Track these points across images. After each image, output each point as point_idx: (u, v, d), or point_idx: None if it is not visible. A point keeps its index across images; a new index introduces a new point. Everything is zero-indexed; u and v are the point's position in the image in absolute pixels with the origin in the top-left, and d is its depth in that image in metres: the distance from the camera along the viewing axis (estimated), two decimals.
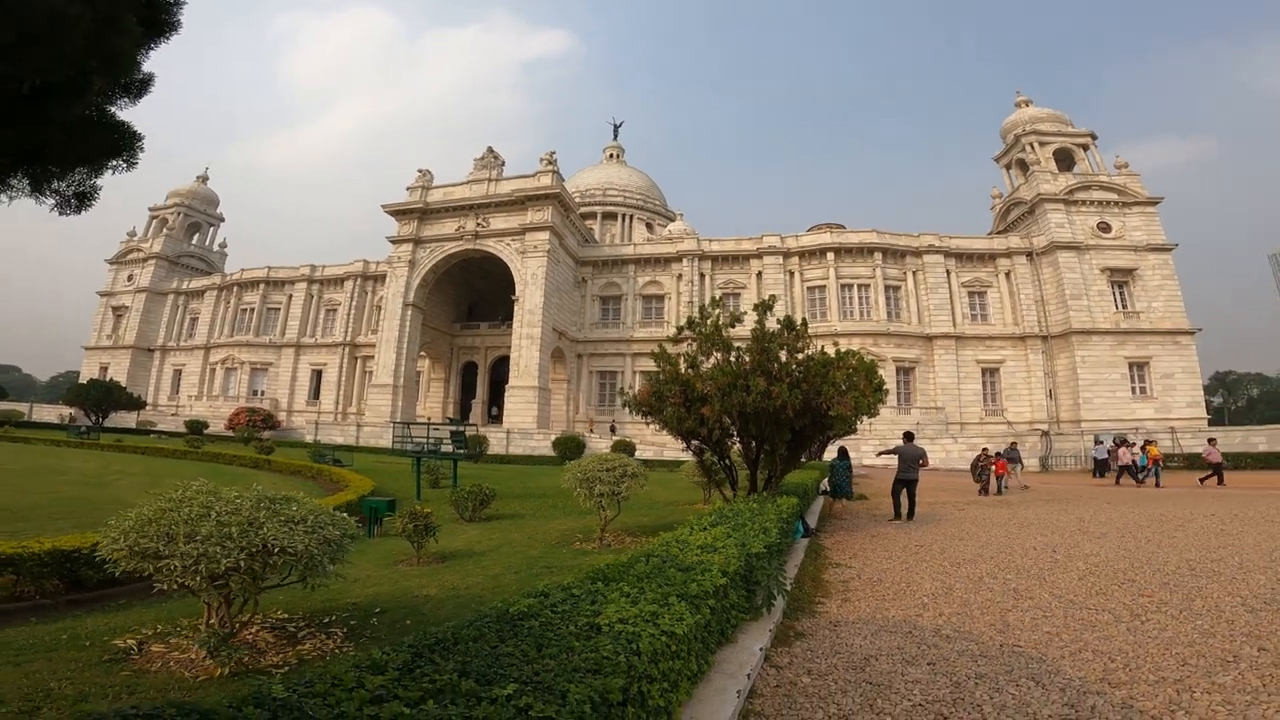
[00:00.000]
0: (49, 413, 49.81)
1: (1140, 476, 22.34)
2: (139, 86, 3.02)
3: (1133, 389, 39.47)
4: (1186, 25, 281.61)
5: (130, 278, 62.35)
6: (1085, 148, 46.67)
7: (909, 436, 14.19)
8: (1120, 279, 41.49)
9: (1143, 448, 23.43)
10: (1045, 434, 34.28)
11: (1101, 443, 27.29)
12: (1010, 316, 43.55)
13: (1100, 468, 26.01)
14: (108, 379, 49.51)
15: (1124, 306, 41.06)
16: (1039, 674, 4.29)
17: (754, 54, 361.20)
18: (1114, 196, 43.28)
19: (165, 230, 63.33)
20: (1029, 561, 8.37)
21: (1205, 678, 4.16)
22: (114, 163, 3.36)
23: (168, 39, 3.08)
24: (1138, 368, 39.79)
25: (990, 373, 42.79)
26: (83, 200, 3.42)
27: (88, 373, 58.40)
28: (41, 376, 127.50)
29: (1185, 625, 5.35)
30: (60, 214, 3.51)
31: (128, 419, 45.19)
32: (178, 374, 58.69)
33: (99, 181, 3.49)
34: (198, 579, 4.06)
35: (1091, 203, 43.18)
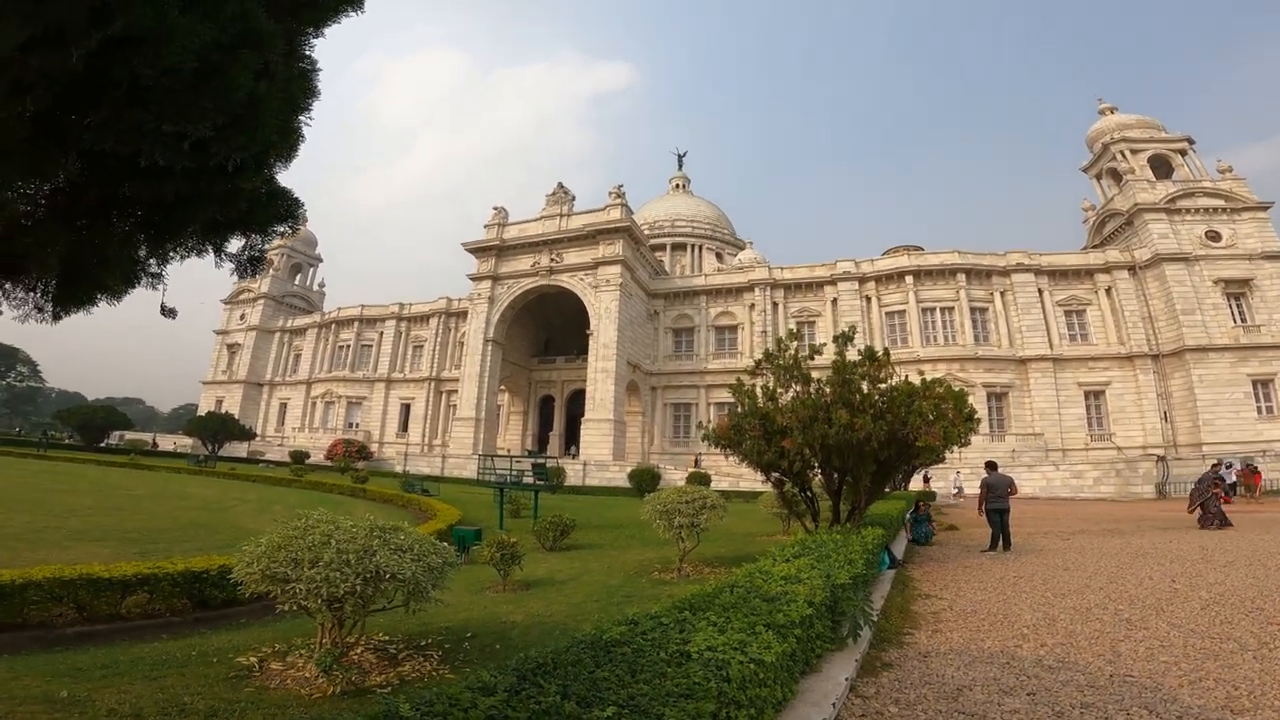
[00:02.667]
0: (170, 442, 54.64)
1: None
2: (291, 151, 3.43)
3: (1258, 408, 35.76)
4: (1260, 25, 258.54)
5: (242, 317, 67.92)
6: (1183, 153, 43.45)
7: (991, 466, 13.59)
8: (1236, 290, 38.01)
9: None
10: (1161, 459, 31.49)
11: (1230, 467, 24.88)
12: (1114, 335, 40.54)
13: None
14: (223, 411, 53.93)
15: (1242, 320, 37.49)
16: (1153, 703, 4.04)
17: (817, 78, 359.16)
18: (1220, 203, 39.91)
19: (272, 271, 68.32)
20: (1144, 592, 7.82)
21: None
22: (282, 228, 3.79)
23: (311, 106, 3.49)
24: (1262, 385, 36.09)
25: (1094, 395, 39.83)
26: (255, 264, 3.85)
27: (205, 405, 63.83)
28: (163, 409, 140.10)
29: None
30: (240, 278, 3.97)
31: (239, 449, 48.91)
32: (283, 407, 63.17)
33: (268, 246, 3.94)
34: (318, 601, 4.42)
35: (1196, 210, 39.98)
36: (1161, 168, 43.49)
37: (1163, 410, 38.21)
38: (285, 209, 3.67)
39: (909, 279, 42.78)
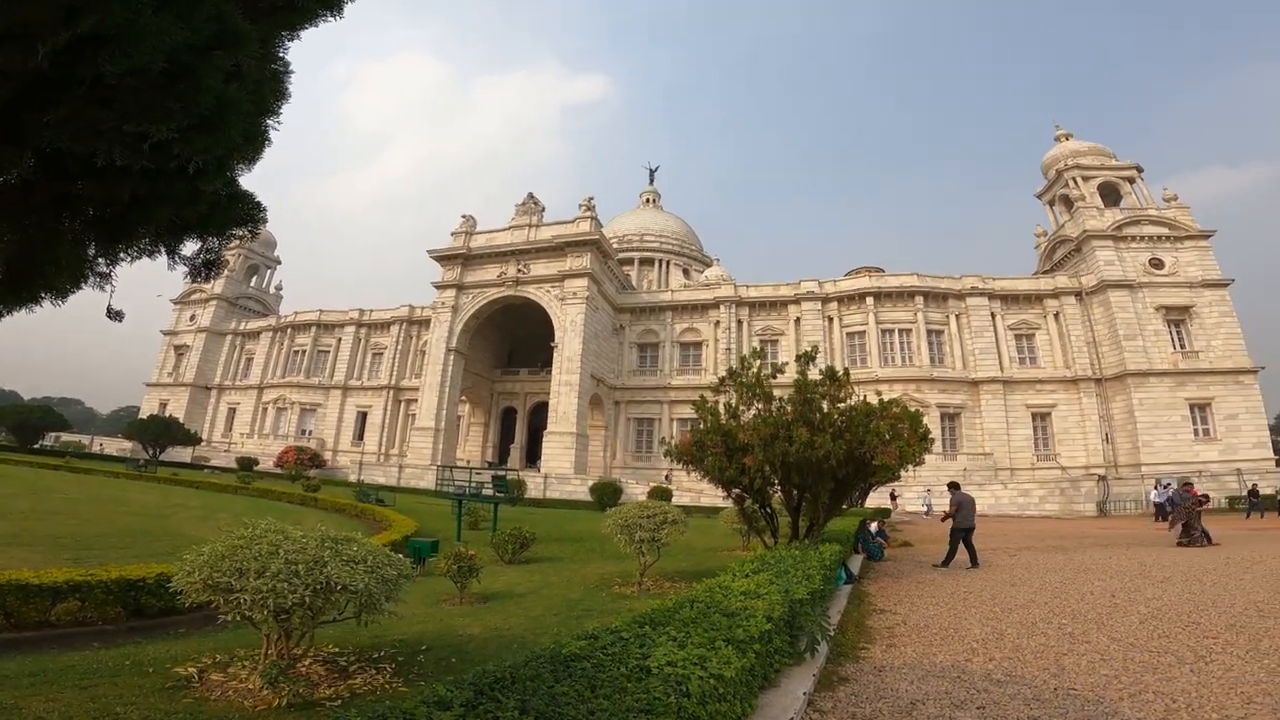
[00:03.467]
0: (110, 445, 52.16)
1: None
2: (256, 153, 3.36)
3: (1195, 431, 37.63)
4: (1227, 51, 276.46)
5: (192, 317, 65.55)
6: (1131, 181, 45.48)
7: (955, 486, 13.92)
8: (1176, 317, 40.02)
9: None
10: (1102, 479, 32.84)
11: (1166, 486, 26.10)
12: (1061, 359, 42.24)
13: (1162, 511, 24.83)
14: (167, 414, 51.77)
15: (1182, 346, 39.47)
16: (1095, 715, 4.19)
17: (793, 100, 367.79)
18: (1165, 231, 41.98)
19: (227, 272, 66.16)
20: (1086, 606, 8.12)
21: (1271, 714, 4.08)
22: (241, 232, 3.69)
23: (281, 109, 3.42)
24: (1199, 409, 38.00)
25: (1041, 417, 41.36)
26: (210, 268, 3.74)
27: (148, 408, 61.09)
28: (103, 410, 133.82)
29: (1252, 665, 5.20)
30: (193, 280, 3.85)
31: (183, 454, 47.01)
32: (232, 412, 61.00)
33: (226, 250, 3.83)
34: (264, 612, 4.29)
35: (1142, 238, 41.95)
36: (1110, 195, 45.50)
37: (1104, 432, 39.86)
38: (246, 212, 3.59)
39: (869, 300, 43.87)
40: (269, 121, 3.30)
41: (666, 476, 38.19)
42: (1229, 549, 14.35)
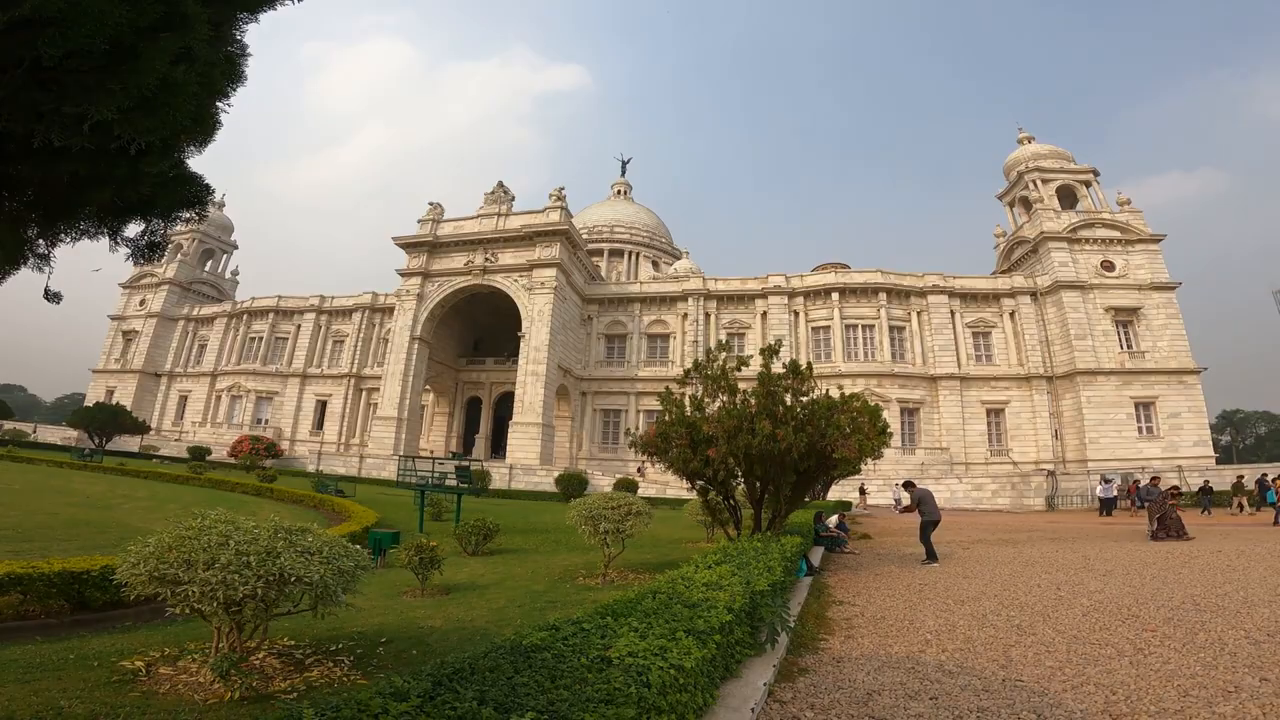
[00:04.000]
0: (53, 434, 49.93)
1: None
2: (206, 136, 3.26)
3: (1139, 429, 39.30)
4: (1187, 59, 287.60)
5: (143, 302, 63.06)
6: (1088, 184, 46.97)
7: (910, 485, 14.03)
8: (1125, 318, 41.64)
9: (1276, 480, 21.59)
10: (1051, 474, 34.07)
11: (1109, 481, 27.15)
12: (1015, 357, 43.61)
13: (1106, 506, 25.82)
14: (114, 402, 49.77)
15: (1129, 346, 41.10)
16: (1040, 707, 4.32)
17: (765, 95, 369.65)
18: (1117, 234, 43.55)
19: (180, 256, 63.93)
20: (1033, 598, 8.38)
21: (1206, 708, 4.21)
22: (187, 214, 3.58)
23: (237, 90, 3.32)
24: (1144, 407, 39.69)
25: (995, 413, 42.68)
26: (154, 250, 3.60)
27: (94, 395, 58.79)
28: (46, 397, 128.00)
29: (1188, 658, 5.39)
30: (135, 263, 3.71)
31: (131, 443, 45.26)
32: (183, 400, 58.97)
33: (171, 232, 3.71)
34: (213, 605, 4.17)
35: (1095, 241, 43.44)
36: (1068, 198, 46.98)
37: (1054, 428, 41.38)
38: (193, 194, 3.48)
39: (835, 296, 44.57)
40: (221, 104, 3.20)
41: (640, 470, 37.67)
42: (1202, 543, 14.85)
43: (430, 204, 48.46)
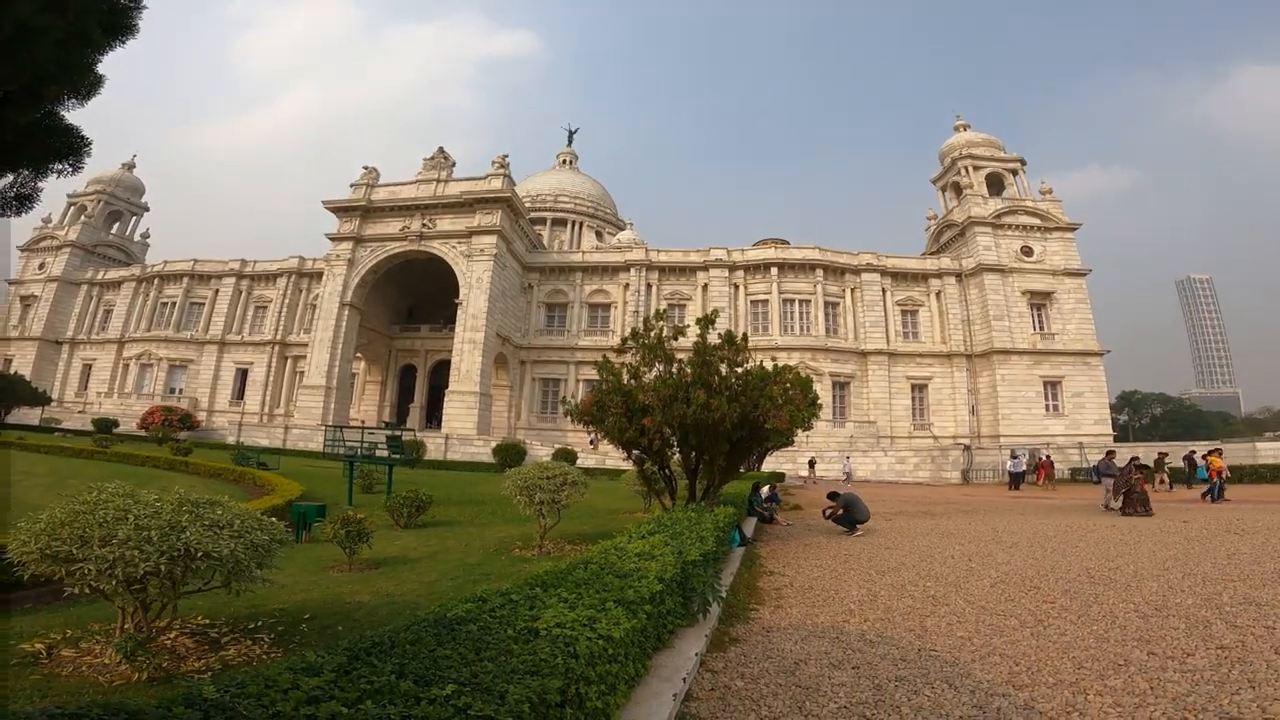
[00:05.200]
0: None
1: (1209, 493, 19.85)
2: (89, 88, 2.99)
3: (1046, 406, 41.99)
4: (1117, 56, 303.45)
5: (42, 266, 58.01)
6: (1015, 173, 49.09)
7: (834, 495, 13.42)
8: (1039, 302, 44.15)
9: (1205, 457, 21.84)
10: (967, 448, 36.06)
11: (1018, 456, 28.93)
12: (939, 335, 45.66)
13: (1015, 480, 27.53)
14: (12, 372, 45.75)
15: (1041, 328, 43.68)
16: (952, 677, 4.56)
17: (714, 73, 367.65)
18: (1037, 221, 45.91)
19: (84, 218, 59.31)
20: (947, 570, 8.80)
21: (1099, 680, 4.47)
22: (60, 166, 3.30)
23: (124, 43, 3.05)
24: (1051, 386, 42.40)
25: (919, 389, 44.72)
26: (23, 202, 3.33)
27: None
28: None
29: (1083, 630, 5.72)
30: (2, 214, 3.40)
31: (30, 415, 41.83)
32: (87, 369, 54.78)
33: (41, 184, 3.42)
34: (113, 583, 3.90)
35: (1017, 227, 45.69)
36: (996, 185, 49.03)
37: (971, 404, 43.76)
38: (66, 145, 3.21)
39: (774, 270, 45.32)
40: (100, 55, 2.93)
41: (592, 442, 36.18)
42: (1068, 515, 15.94)
43: (365, 168, 46.19)
